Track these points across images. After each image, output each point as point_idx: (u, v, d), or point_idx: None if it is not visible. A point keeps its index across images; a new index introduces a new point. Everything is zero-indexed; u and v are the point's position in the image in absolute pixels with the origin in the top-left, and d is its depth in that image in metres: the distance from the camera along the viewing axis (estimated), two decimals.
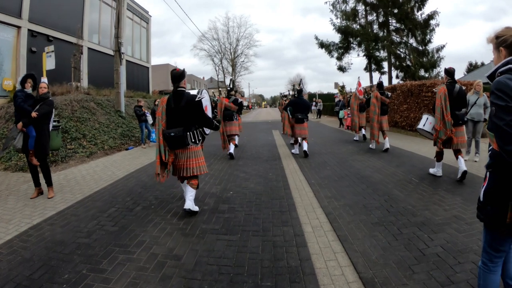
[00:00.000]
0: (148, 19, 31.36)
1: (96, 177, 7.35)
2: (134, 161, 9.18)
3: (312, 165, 7.80)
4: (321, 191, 5.65)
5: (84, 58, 20.68)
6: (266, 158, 9.06)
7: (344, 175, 6.70)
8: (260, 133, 17.37)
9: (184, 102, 4.39)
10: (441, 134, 5.80)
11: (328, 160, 8.42)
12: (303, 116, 9.14)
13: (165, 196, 5.60)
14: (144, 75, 30.68)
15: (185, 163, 4.55)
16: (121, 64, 14.83)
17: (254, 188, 5.95)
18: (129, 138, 12.93)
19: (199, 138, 4.65)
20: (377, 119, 9.59)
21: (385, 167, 7.33)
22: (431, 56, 23.91)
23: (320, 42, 25.84)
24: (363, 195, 5.29)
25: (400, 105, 15.79)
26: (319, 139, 13.18)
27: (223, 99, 9.50)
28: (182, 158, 4.56)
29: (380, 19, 25.38)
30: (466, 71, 50.28)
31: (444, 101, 5.66)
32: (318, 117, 30.02)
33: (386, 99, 9.71)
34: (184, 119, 4.45)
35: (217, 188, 5.99)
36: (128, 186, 6.46)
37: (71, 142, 10.37)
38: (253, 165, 8.09)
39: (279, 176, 6.82)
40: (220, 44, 56.28)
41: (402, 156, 8.58)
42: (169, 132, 4.41)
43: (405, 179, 6.18)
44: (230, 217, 4.53)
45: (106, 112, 13.95)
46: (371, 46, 23.82)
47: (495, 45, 1.98)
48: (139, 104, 12.14)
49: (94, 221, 4.58)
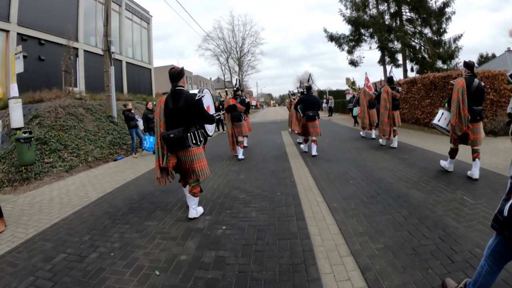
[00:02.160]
0: (148, 19, 30.19)
1: (65, 201, 5.99)
2: (117, 176, 7.78)
3: (331, 178, 6.28)
4: (347, 222, 4.09)
5: (80, 61, 19.68)
6: (274, 168, 7.56)
7: (374, 193, 5.15)
8: (267, 134, 15.88)
9: (183, 102, 4.24)
10: (457, 130, 5.53)
11: (349, 169, 6.89)
12: (314, 114, 8.78)
13: (133, 236, 4.12)
14: (146, 77, 29.60)
15: (189, 166, 4.40)
16: (111, 65, 13.50)
17: (256, 218, 4.43)
18: (120, 147, 11.55)
19: (201, 140, 4.47)
20: (388, 114, 9.23)
21: (422, 178, 5.77)
22: (448, 47, 22.20)
23: (329, 35, 24.16)
24: (408, 229, 3.74)
25: (422, 100, 14.14)
26: (334, 140, 11.66)
27: (229, 100, 9.19)
28: (186, 161, 4.39)
29: (391, 8, 23.73)
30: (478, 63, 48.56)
31: (462, 95, 5.37)
32: (330, 115, 28.39)
33: (397, 93, 9.42)
34: (184, 119, 4.27)
35: (206, 220, 4.49)
36: (95, 214, 5.05)
37: (49, 155, 9.03)
38: (258, 179, 6.59)
39: (289, 196, 5.30)
40: (226, 43, 55.07)
41: (436, 162, 7.02)
42: (168, 134, 4.23)
43: (454, 199, 4.63)
44: (214, 279, 3.00)
45: (95, 118, 12.63)
46: (384, 37, 22.11)
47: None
48: (127, 108, 10.76)
49: (30, 277, 3.19)
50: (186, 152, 4.35)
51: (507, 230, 1.85)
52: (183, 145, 4.28)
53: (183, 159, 4.39)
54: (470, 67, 5.58)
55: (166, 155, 4.38)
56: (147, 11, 29.81)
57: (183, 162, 4.41)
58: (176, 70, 4.40)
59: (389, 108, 9.26)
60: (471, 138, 5.57)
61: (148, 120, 10.71)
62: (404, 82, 16.18)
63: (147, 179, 7.21)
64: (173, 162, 4.40)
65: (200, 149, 4.47)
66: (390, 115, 9.27)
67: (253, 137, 14.23)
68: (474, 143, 5.61)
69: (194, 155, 4.36)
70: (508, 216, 1.82)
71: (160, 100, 4.47)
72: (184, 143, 4.26)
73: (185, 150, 4.34)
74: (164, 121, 4.37)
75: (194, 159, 4.36)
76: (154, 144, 4.69)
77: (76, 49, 19.10)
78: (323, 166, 7.36)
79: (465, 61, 5.71)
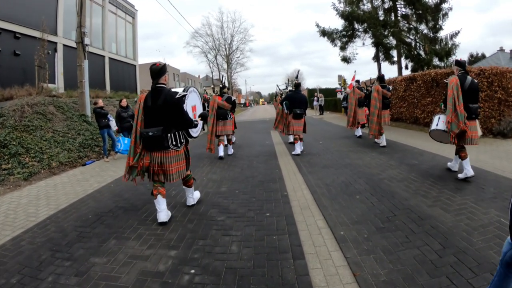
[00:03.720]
0: (134, 14, 28.87)
1: (9, 220, 4.79)
2: (78, 186, 6.57)
3: (332, 191, 5.18)
4: (363, 263, 2.95)
5: (59, 56, 18.36)
6: (262, 177, 6.40)
7: (390, 215, 4.06)
8: (256, 134, 14.73)
9: (162, 100, 4.04)
10: (453, 127, 5.36)
11: (351, 179, 5.81)
12: (302, 112, 8.68)
13: (71, 282, 2.96)
14: (130, 73, 28.31)
15: (165, 168, 4.16)
16: (85, 58, 12.24)
17: (238, 255, 3.25)
18: (91, 149, 10.29)
19: (181, 141, 4.26)
20: (378, 113, 9.11)
21: (443, 192, 4.73)
22: (445, 44, 21.46)
23: (321, 30, 23.12)
24: (447, 273, 2.65)
25: (422, 98, 13.21)
26: (328, 142, 10.60)
27: (215, 97, 8.81)
28: (162, 163, 4.14)
29: (386, 4, 22.82)
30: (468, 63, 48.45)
31: (457, 92, 5.31)
32: (321, 113, 27.35)
33: (387, 92, 9.38)
34: (163, 119, 4.05)
35: (169, 258, 3.29)
36: (35, 243, 3.85)
37: (8, 160, 7.79)
38: (242, 192, 5.44)
39: (281, 218, 4.15)
40: (214, 40, 54.14)
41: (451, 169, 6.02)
42: (147, 131, 4.03)
43: (490, 222, 3.57)
44: None
45: (67, 117, 11.38)
46: (379, 32, 21.18)
47: None
48: (98, 105, 9.54)
49: None
50: (164, 154, 4.12)
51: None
52: (161, 146, 4.05)
53: (160, 160, 4.13)
54: (461, 65, 5.65)
55: (139, 153, 4.17)
56: (132, 5, 28.47)
57: (159, 164, 4.14)
58: (157, 67, 4.15)
59: (379, 107, 9.17)
60: (468, 136, 5.40)
61: (122, 119, 9.52)
62: (402, 79, 15.27)
63: (110, 191, 6.04)
64: (145, 162, 4.17)
65: (180, 151, 4.24)
66: (380, 114, 9.17)
67: (240, 138, 13.16)
68: (471, 141, 5.48)
69: (172, 157, 4.15)
70: None
71: (140, 97, 4.30)
72: (162, 144, 4.04)
73: (163, 151, 4.11)
74: (142, 119, 4.18)
75: (172, 161, 4.14)
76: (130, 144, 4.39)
77: (55, 44, 17.91)
78: (321, 174, 6.29)
79: (456, 60, 5.84)
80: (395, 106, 15.81)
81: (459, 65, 5.69)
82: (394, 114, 15.95)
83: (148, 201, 5.06)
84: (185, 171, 4.39)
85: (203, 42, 53.98)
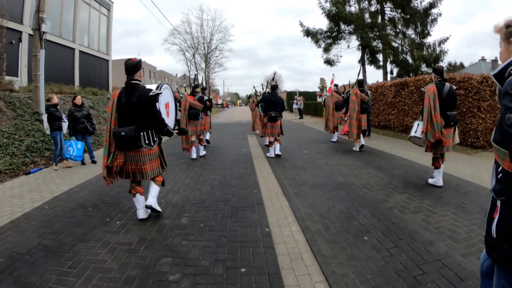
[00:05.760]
0: (109, 6, 27.18)
1: None
2: (6, 207, 5.02)
3: (330, 228, 3.91)
4: None
5: (23, 47, 16.62)
6: (237, 201, 5.03)
7: (418, 272, 2.82)
8: (231, 139, 13.31)
9: (137, 97, 3.89)
10: (429, 136, 5.38)
11: (351, 207, 4.58)
12: (277, 114, 8.52)
13: None
14: (103, 69, 26.66)
15: (139, 167, 4.04)
16: (41, 48, 10.66)
17: None
18: (41, 154, 8.69)
19: (155, 140, 4.12)
20: (356, 116, 9.21)
21: (457, 224, 3.61)
22: (433, 50, 20.81)
23: (305, 30, 22.00)
24: None
25: (414, 105, 12.28)
26: (314, 152, 9.37)
27: (187, 97, 8.60)
28: (134, 161, 4.04)
29: (372, 6, 21.99)
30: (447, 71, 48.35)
31: (433, 101, 5.29)
32: (301, 117, 26.31)
33: (366, 96, 9.50)
34: (136, 117, 3.92)
35: None
36: None
37: None
38: (209, 227, 4.06)
39: (262, 279, 2.82)
40: (193, 38, 52.72)
41: (485, 196, 4.95)
42: (119, 131, 3.86)
43: None
44: None
45: (17, 115, 9.79)
46: (366, 35, 20.30)
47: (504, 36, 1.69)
48: (53, 103, 8.08)
49: None
50: (137, 153, 4.02)
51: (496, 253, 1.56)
52: (134, 145, 3.94)
53: (133, 159, 4.04)
54: (439, 73, 5.58)
55: (113, 153, 3.99)
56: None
57: (133, 163, 4.06)
58: (132, 62, 4.03)
59: (358, 110, 9.24)
60: (444, 145, 5.43)
61: (75, 120, 8.06)
62: (392, 84, 14.30)
63: (42, 216, 4.54)
64: (120, 162, 4.03)
65: (154, 149, 4.13)
66: (358, 117, 9.22)
67: (214, 143, 11.94)
68: (446, 149, 5.53)
69: (146, 156, 4.05)
70: (497, 238, 1.54)
71: (113, 93, 4.13)
72: (135, 143, 3.93)
73: (136, 150, 4.00)
74: (116, 116, 4.03)
75: (146, 160, 4.05)
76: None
77: (19, 33, 16.21)
78: (311, 199, 5.03)
79: (433, 67, 5.84)
80: (383, 112, 14.88)
81: (436, 72, 5.64)
82: (381, 121, 15.05)
83: (80, 239, 3.72)
84: (160, 169, 4.28)
85: (182, 40, 52.71)
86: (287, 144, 10.93)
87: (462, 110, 9.78)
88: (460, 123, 9.88)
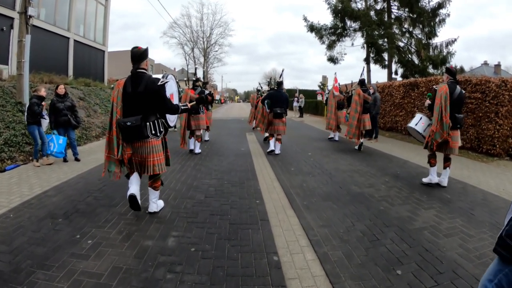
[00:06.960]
0: None
1: None
2: None
3: (354, 259, 3.18)
4: None
5: (15, 34, 15.67)
6: (236, 215, 4.24)
7: None
8: (229, 137, 12.52)
9: (143, 87, 3.76)
10: (437, 136, 5.31)
11: (377, 230, 3.84)
12: (282, 111, 8.56)
13: None
14: (98, 60, 25.76)
15: (144, 159, 3.91)
16: (27, 33, 9.86)
17: None
18: (20, 148, 7.86)
19: (161, 130, 4.01)
20: (358, 117, 9.15)
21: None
22: (440, 51, 20.14)
23: (309, 25, 21.26)
24: None
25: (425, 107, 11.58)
26: (319, 154, 8.64)
27: (188, 91, 8.47)
28: (141, 153, 3.90)
29: (378, 4, 21.27)
30: None
31: (445, 101, 5.18)
32: (301, 116, 25.55)
33: (368, 96, 9.33)
34: (143, 106, 3.80)
35: None
36: None
37: None
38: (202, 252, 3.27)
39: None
40: (193, 32, 51.93)
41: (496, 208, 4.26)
42: (124, 122, 3.74)
43: None
44: None
45: None
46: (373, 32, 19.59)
47: None
48: (39, 94, 7.28)
49: None
50: (143, 144, 3.86)
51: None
52: (140, 136, 3.80)
53: (139, 151, 3.89)
54: (452, 73, 5.55)
55: (122, 145, 3.84)
56: None
57: (139, 154, 3.91)
58: (139, 50, 3.86)
59: (360, 111, 9.16)
60: (450, 146, 5.44)
61: (57, 112, 7.26)
62: (400, 84, 13.61)
63: (2, 228, 3.73)
64: (128, 154, 3.88)
65: (159, 140, 4.00)
66: (360, 118, 9.16)
67: (210, 139, 11.27)
68: (451, 150, 5.53)
69: (152, 147, 3.89)
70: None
71: (118, 83, 3.95)
72: (142, 133, 3.78)
73: (142, 141, 3.84)
74: (122, 106, 3.83)
75: (152, 151, 3.89)
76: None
77: (11, 19, 15.33)
78: (325, 214, 4.27)
79: (447, 67, 5.82)
80: (389, 114, 14.20)
81: (449, 73, 5.58)
82: (387, 123, 14.37)
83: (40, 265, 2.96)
84: (164, 165, 4.11)
85: (181, 33, 51.94)
86: (289, 144, 10.25)
87: (478, 114, 9.15)
88: (476, 128, 9.27)
